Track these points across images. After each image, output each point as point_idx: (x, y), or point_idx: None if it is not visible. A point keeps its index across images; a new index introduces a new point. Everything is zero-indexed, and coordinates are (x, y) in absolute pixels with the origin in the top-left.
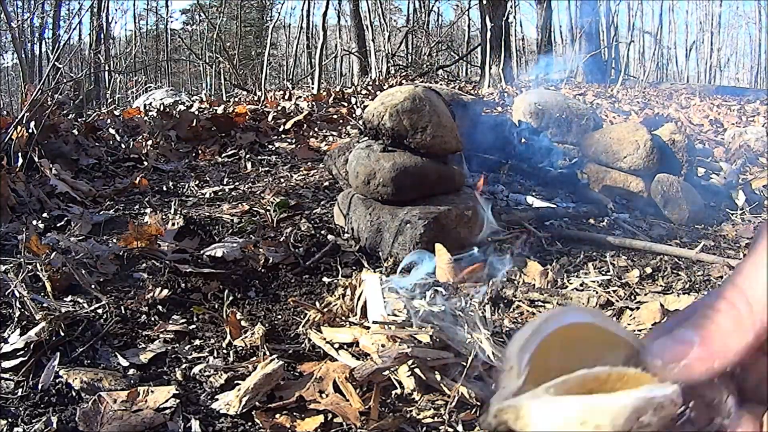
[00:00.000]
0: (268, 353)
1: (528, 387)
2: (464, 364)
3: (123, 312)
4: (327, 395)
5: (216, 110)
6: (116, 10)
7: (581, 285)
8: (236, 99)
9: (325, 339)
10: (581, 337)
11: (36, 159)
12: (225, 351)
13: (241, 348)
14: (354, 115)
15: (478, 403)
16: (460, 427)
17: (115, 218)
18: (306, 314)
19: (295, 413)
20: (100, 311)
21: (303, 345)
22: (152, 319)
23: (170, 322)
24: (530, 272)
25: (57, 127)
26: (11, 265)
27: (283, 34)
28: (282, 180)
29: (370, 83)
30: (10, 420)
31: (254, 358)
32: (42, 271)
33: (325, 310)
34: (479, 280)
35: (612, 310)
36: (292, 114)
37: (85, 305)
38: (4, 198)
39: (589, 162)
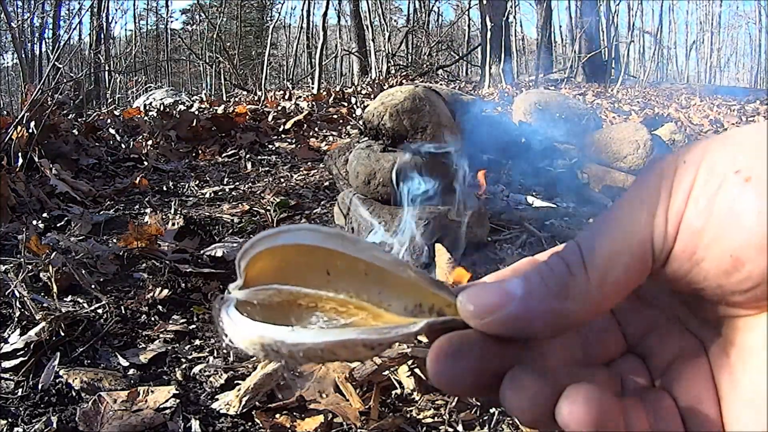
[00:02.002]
0: None
1: (246, 286)
2: None
3: (123, 312)
4: (327, 395)
5: (216, 110)
6: (116, 10)
7: None
8: (236, 99)
9: None
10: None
11: (36, 159)
12: (225, 351)
13: None
14: (354, 115)
15: (478, 403)
16: (460, 427)
17: (115, 218)
18: None
19: (295, 413)
20: (100, 311)
21: None
22: (152, 319)
23: (170, 322)
24: None
25: (57, 127)
26: (11, 265)
27: (283, 34)
28: (282, 180)
29: (370, 83)
30: (10, 420)
31: (254, 358)
32: (42, 271)
33: None
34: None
35: None
36: (292, 114)
37: (85, 305)
38: (4, 198)
39: (589, 162)
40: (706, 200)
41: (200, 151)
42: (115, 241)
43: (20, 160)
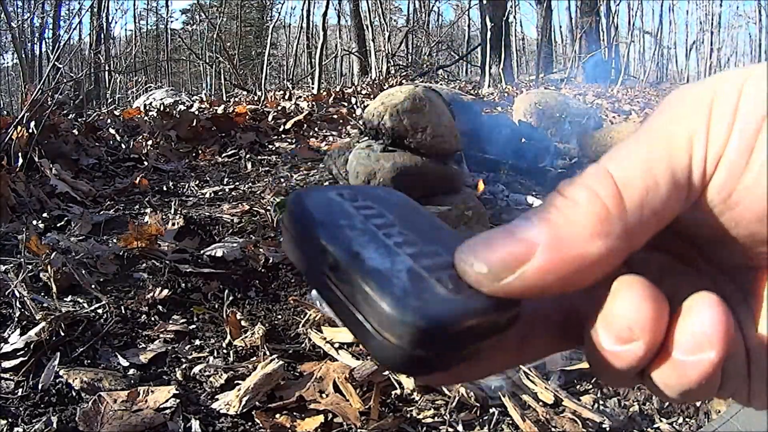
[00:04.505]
0: (268, 353)
1: None
2: None
3: (123, 312)
4: (327, 395)
5: (216, 110)
6: (116, 10)
7: None
8: (236, 99)
9: (325, 339)
10: None
11: (36, 159)
12: (225, 351)
13: (241, 348)
14: (354, 115)
15: (478, 403)
16: (460, 427)
17: (115, 218)
18: (306, 314)
19: (295, 413)
20: (100, 311)
21: (303, 345)
22: (152, 319)
23: (170, 322)
24: None
25: (57, 127)
26: (11, 265)
27: (283, 34)
28: (282, 180)
29: (370, 83)
30: (10, 420)
31: (254, 358)
32: (42, 271)
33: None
34: None
35: None
36: (292, 114)
37: (85, 305)
38: (4, 198)
39: (589, 162)
40: (750, 133)
41: (200, 151)
42: (115, 241)
43: (20, 160)
